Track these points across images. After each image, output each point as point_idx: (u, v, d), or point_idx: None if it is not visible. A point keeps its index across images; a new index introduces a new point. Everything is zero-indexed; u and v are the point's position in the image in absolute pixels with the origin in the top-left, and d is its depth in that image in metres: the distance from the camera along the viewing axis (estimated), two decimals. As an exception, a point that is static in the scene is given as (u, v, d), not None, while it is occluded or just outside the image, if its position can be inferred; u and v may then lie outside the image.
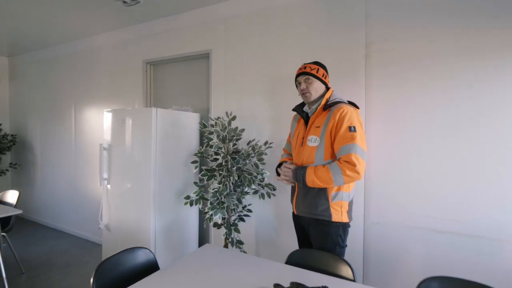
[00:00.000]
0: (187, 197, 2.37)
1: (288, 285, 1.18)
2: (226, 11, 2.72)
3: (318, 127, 1.66)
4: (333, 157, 1.62)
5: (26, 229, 4.24)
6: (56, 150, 4.27)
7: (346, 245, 1.68)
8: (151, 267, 1.52)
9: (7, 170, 4.71)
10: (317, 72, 1.73)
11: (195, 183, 2.44)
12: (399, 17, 2.00)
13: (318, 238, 1.67)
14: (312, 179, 1.58)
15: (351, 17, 2.15)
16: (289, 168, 1.71)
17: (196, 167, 2.49)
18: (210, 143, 2.27)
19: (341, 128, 1.56)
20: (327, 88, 1.77)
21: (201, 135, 2.83)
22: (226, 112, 2.40)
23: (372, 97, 2.09)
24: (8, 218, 2.79)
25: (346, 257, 1.56)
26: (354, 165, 1.50)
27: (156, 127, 2.41)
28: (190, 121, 2.74)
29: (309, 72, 1.73)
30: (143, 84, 3.35)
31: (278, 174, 1.85)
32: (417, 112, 1.94)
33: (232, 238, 2.24)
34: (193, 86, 3.11)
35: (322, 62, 1.81)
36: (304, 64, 1.79)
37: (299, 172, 1.64)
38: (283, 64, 2.42)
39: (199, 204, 2.36)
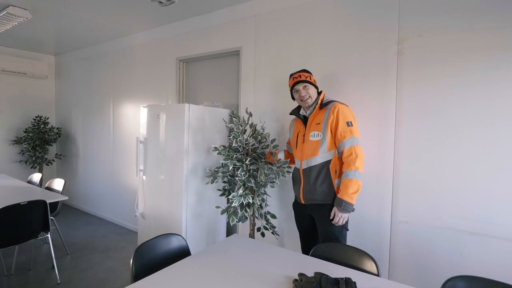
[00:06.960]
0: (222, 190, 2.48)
1: (312, 275, 1.23)
2: (256, 9, 2.77)
3: (318, 123, 1.92)
4: (334, 147, 1.88)
5: (70, 215, 4.60)
6: (96, 143, 4.58)
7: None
8: (183, 253, 1.63)
9: (53, 160, 5.14)
10: (310, 78, 2.00)
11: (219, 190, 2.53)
12: (435, 11, 1.93)
13: (326, 222, 1.87)
14: (348, 195, 1.77)
15: (383, 12, 2.12)
16: (341, 213, 1.81)
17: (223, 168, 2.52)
18: (230, 138, 2.35)
19: (339, 123, 1.84)
20: (318, 90, 2.05)
21: (231, 130, 2.91)
22: (246, 109, 2.49)
23: (404, 95, 2.04)
24: (56, 204, 3.06)
25: (371, 253, 1.57)
26: (357, 155, 1.78)
27: (188, 122, 2.52)
28: (220, 116, 2.84)
29: (304, 80, 1.98)
30: (176, 81, 3.50)
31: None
32: (452, 111, 1.87)
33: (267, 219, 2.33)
34: (224, 82, 3.21)
35: (352, 58, 1.93)
36: (297, 73, 2.02)
37: (343, 203, 1.78)
38: (312, 61, 2.43)
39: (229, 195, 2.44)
